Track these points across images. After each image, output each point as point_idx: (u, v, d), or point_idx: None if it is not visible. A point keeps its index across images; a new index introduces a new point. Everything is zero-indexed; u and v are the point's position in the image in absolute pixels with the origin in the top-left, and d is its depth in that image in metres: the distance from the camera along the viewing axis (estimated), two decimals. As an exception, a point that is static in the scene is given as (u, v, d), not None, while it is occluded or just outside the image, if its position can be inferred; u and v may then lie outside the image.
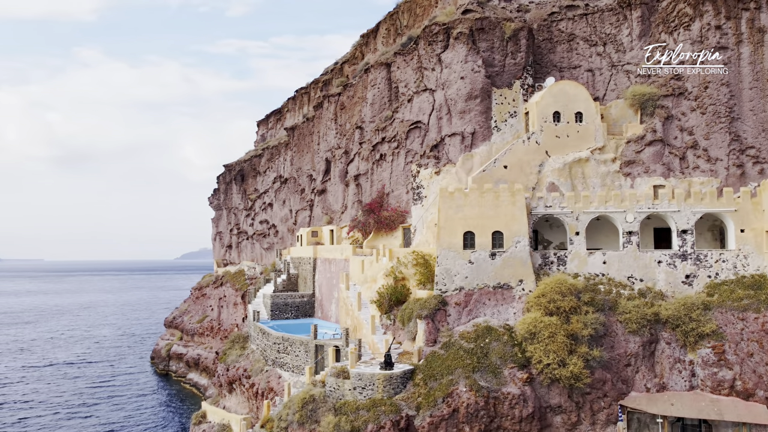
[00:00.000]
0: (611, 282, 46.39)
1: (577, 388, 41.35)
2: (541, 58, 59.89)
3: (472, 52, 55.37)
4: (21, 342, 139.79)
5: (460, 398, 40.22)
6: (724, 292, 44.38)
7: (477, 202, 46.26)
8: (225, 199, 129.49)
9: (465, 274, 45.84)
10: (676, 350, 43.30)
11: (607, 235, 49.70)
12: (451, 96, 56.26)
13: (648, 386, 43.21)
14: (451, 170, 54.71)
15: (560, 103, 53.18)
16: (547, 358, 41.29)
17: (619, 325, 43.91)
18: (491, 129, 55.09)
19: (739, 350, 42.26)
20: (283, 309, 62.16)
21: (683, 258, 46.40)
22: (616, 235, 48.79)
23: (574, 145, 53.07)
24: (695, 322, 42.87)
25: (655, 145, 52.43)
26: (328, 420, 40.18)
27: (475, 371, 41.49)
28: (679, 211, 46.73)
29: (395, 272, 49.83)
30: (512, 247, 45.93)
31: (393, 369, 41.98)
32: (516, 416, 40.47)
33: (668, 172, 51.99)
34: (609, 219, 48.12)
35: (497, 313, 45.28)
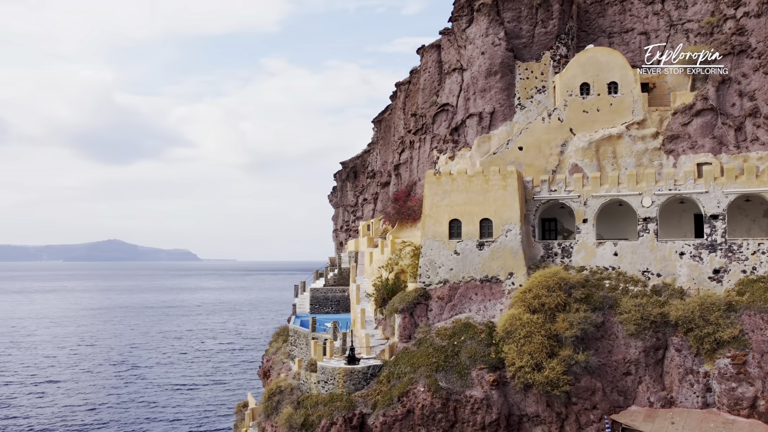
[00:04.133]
0: (621, 277, 41.53)
1: (557, 396, 37.74)
2: (588, 24, 54.98)
3: (494, 24, 52.50)
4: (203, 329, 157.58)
5: (416, 398, 38.84)
6: (757, 290, 37.61)
7: (464, 188, 44.06)
8: (341, 196, 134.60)
9: (450, 265, 43.89)
10: (689, 359, 37.65)
11: (630, 224, 44.44)
12: (474, 74, 53.90)
13: (651, 400, 38.15)
14: (466, 154, 52.41)
15: (589, 74, 48.48)
16: (521, 361, 38.23)
17: (620, 326, 39.22)
18: (513, 107, 51.79)
19: (764, 362, 35.64)
20: (323, 303, 63.69)
21: (711, 249, 40.06)
22: (642, 222, 43.33)
23: (606, 120, 48.10)
24: (713, 326, 36.92)
25: (705, 116, 45.72)
26: (285, 412, 41.08)
27: (440, 371, 39.70)
28: (707, 192, 40.42)
29: (392, 264, 49.08)
30: (502, 237, 43.04)
31: (357, 364, 41.64)
32: (478, 422, 38.10)
33: (719, 147, 45.06)
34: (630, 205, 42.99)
35: (483, 309, 42.77)
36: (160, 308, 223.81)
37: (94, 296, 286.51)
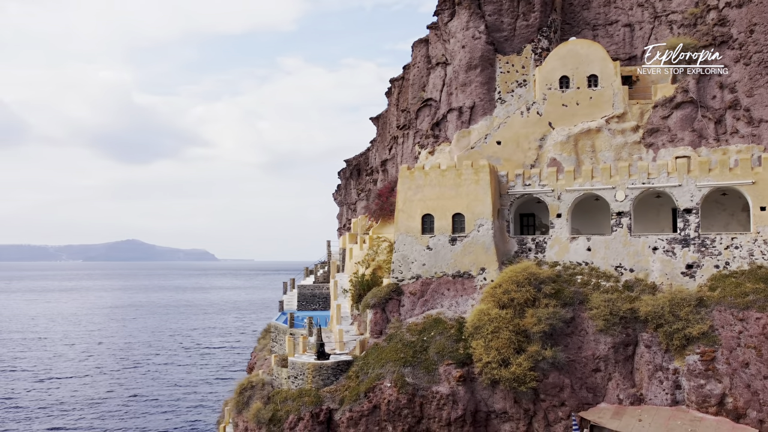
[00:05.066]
0: (594, 272, 41.17)
1: (524, 392, 37.53)
2: (573, 17, 54.54)
3: (474, 17, 52.28)
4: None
5: (382, 394, 38.85)
6: (728, 285, 37.07)
7: (437, 182, 43.97)
8: (345, 194, 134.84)
9: (423, 261, 43.83)
10: (658, 355, 37.23)
11: (607, 218, 44.00)
12: (455, 68, 53.74)
13: (621, 397, 37.79)
14: (446, 149, 52.27)
15: (569, 67, 48.08)
16: (488, 356, 38.07)
17: (590, 322, 38.88)
18: (494, 102, 51.53)
19: (732, 358, 35.12)
20: (310, 300, 63.97)
21: (684, 243, 39.56)
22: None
23: (585, 114, 47.68)
24: (682, 322, 36.48)
25: (685, 108, 45.15)
26: (254, 407, 41.32)
27: (407, 366, 39.65)
28: (681, 185, 39.91)
29: (368, 260, 49.13)
30: (474, 232, 42.89)
31: (327, 360, 41.76)
32: (443, 418, 37.99)
33: (699, 140, 44.47)
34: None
35: (455, 305, 42.65)
36: (172, 307, 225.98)
37: (108, 295, 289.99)
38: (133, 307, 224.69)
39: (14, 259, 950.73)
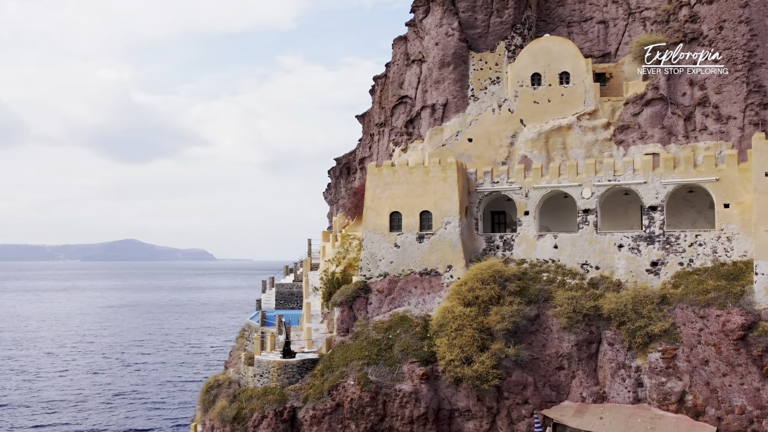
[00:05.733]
0: (560, 269, 41.29)
1: (487, 390, 37.66)
2: (548, 14, 54.60)
3: (448, 14, 52.36)
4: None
5: (345, 392, 39.00)
6: (691, 283, 37.19)
7: (405, 179, 44.11)
8: (335, 193, 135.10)
9: (390, 258, 43.96)
10: (621, 353, 37.36)
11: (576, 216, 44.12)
12: (429, 65, 53.86)
13: (584, 395, 37.93)
14: (419, 147, 52.37)
15: (541, 63, 48.20)
16: (451, 354, 38.22)
17: (554, 320, 39.00)
18: (467, 99, 51.60)
19: (693, 356, 35.26)
20: (288, 299, 64.03)
21: (650, 241, 39.68)
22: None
23: (557, 111, 47.76)
24: (645, 320, 36.61)
25: (655, 105, 45.23)
26: (219, 405, 41.50)
27: (371, 364, 39.80)
28: (646, 182, 40.03)
29: (339, 258, 49.27)
30: (441, 229, 43.01)
31: (293, 358, 41.91)
32: (406, 416, 38.15)
33: (669, 137, 44.54)
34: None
35: (422, 303, 42.78)
36: (167, 307, 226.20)
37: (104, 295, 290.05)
38: (127, 307, 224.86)
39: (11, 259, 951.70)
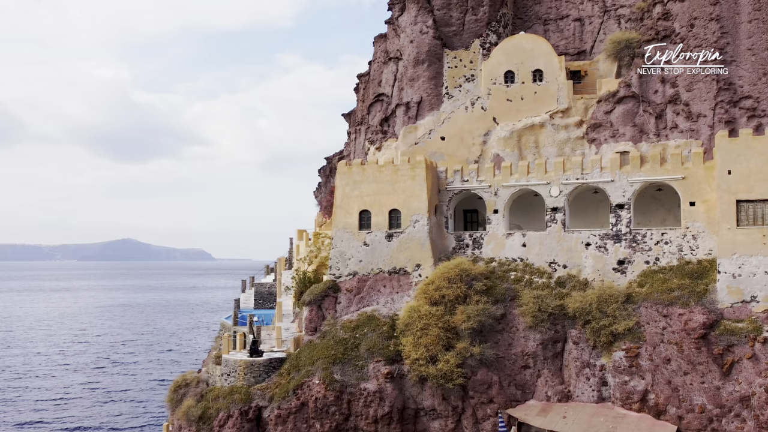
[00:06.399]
0: (528, 268, 41.38)
1: (451, 389, 37.77)
2: (525, 11, 54.69)
3: (423, 12, 52.44)
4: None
5: (310, 391, 39.12)
6: (656, 281, 37.28)
7: (374, 178, 44.20)
8: (325, 192, 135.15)
9: (360, 257, 44.06)
10: (586, 352, 37.47)
11: (546, 214, 44.19)
12: (404, 63, 53.95)
13: (549, 394, 38.03)
14: (392, 145, 52.46)
15: (514, 61, 48.30)
16: (416, 353, 38.32)
17: (521, 319, 39.09)
18: (441, 97, 51.68)
19: (655, 354, 35.36)
20: (266, 298, 64.17)
21: (616, 239, 39.76)
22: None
23: (530, 109, 47.87)
24: (609, 318, 36.70)
25: (627, 103, 45.33)
26: (185, 405, 41.60)
27: (337, 363, 39.89)
28: (613, 181, 40.11)
29: (311, 257, 49.37)
30: (410, 228, 43.10)
31: (260, 357, 42.02)
32: (370, 416, 38.26)
33: (640, 135, 44.64)
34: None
35: (390, 302, 42.87)
36: (162, 307, 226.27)
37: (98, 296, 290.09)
38: (121, 307, 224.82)
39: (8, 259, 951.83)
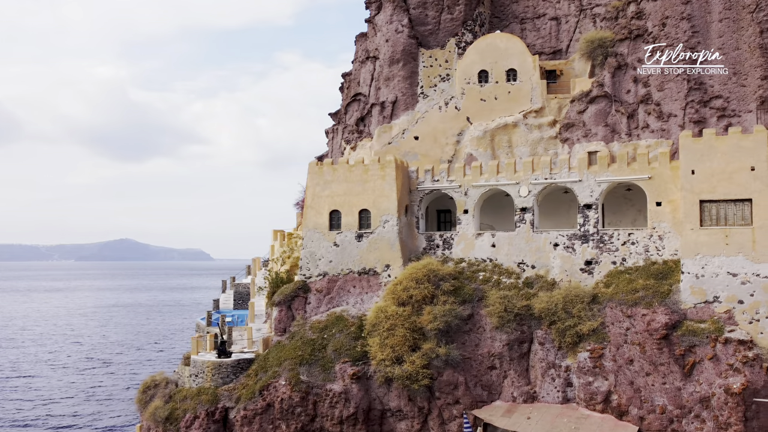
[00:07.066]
0: (497, 269, 41.48)
1: (417, 390, 37.89)
2: (502, 10, 54.83)
3: (398, 11, 52.57)
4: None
5: (276, 392, 39.28)
6: (622, 281, 37.38)
7: (345, 178, 44.34)
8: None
9: (330, 257, 44.19)
10: (551, 353, 37.59)
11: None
12: (380, 63, 54.07)
13: (515, 395, 38.15)
14: (367, 145, 52.58)
15: (488, 61, 48.41)
16: (382, 354, 38.46)
17: (488, 320, 39.19)
18: (416, 96, 51.78)
19: (619, 355, 35.47)
20: (246, 298, 64.21)
21: (584, 240, 39.88)
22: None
23: (503, 108, 47.97)
24: (575, 319, 36.82)
25: (599, 103, 45.41)
26: (152, 406, 41.76)
27: (304, 364, 40.04)
28: (581, 181, 40.22)
29: (284, 258, 49.50)
30: (380, 228, 43.23)
31: (228, 358, 42.18)
32: (336, 416, 38.40)
33: (612, 135, 44.73)
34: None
35: (360, 302, 43.00)
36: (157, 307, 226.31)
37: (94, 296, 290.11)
38: (116, 308, 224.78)
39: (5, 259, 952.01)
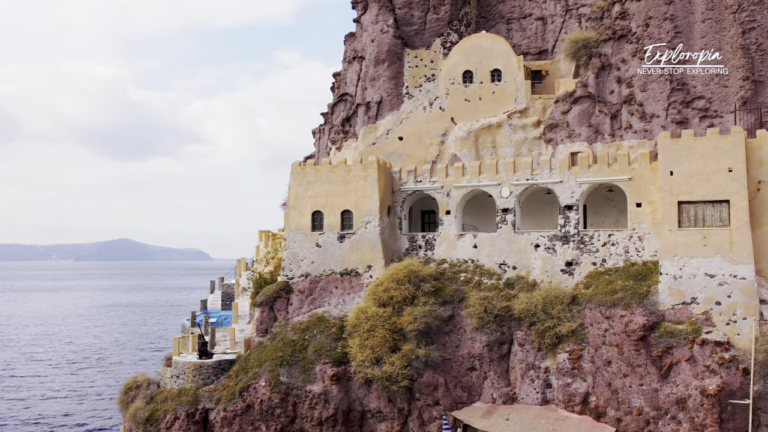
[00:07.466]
0: (478, 270, 41.55)
1: (397, 391, 37.98)
2: (488, 10, 54.92)
3: (384, 11, 52.62)
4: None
5: (256, 393, 39.36)
6: (601, 283, 37.45)
7: (327, 178, 44.41)
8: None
9: (312, 258, 44.27)
10: (531, 354, 37.66)
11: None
12: (366, 63, 54.15)
13: (495, 396, 38.23)
14: (352, 145, 52.67)
15: (472, 61, 48.48)
16: (362, 355, 38.54)
17: (468, 321, 39.27)
18: (401, 96, 51.86)
19: (597, 357, 35.55)
20: (233, 298, 64.52)
21: (565, 241, 39.94)
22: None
23: (488, 109, 48.04)
24: (554, 320, 36.90)
25: (583, 103, 45.50)
26: (133, 407, 41.86)
27: (284, 365, 40.12)
28: (562, 182, 40.28)
29: (268, 258, 49.61)
30: (362, 229, 43.31)
31: (209, 359, 42.26)
32: (315, 418, 38.48)
33: (595, 136, 44.81)
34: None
35: (341, 303, 43.08)
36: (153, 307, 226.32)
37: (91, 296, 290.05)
38: (113, 308, 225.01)
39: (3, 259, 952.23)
